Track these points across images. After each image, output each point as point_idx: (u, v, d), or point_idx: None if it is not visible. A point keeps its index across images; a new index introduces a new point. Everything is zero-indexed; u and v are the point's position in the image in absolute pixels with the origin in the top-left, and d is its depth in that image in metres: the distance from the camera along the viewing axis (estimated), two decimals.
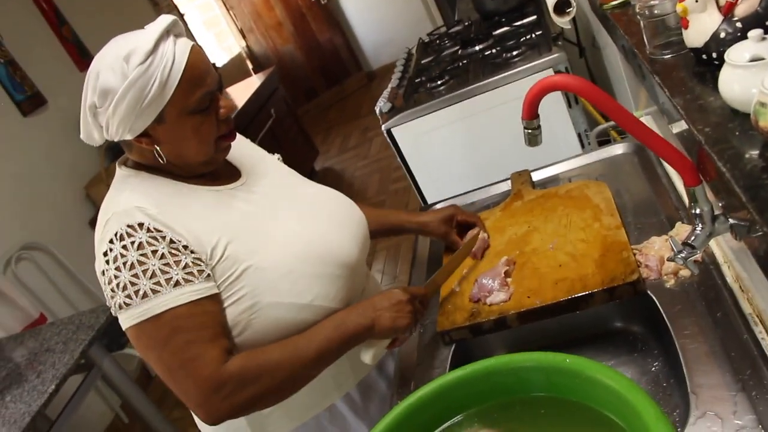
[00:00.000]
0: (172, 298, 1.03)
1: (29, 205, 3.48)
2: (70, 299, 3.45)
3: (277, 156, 1.41)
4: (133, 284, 1.03)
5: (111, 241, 1.04)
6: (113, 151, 3.89)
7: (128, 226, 1.04)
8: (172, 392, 1.10)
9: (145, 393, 2.70)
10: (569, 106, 2.21)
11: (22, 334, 2.61)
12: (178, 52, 1.04)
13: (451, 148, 2.36)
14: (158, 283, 1.03)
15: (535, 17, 2.56)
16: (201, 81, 1.06)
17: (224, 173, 1.22)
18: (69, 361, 2.20)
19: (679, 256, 0.97)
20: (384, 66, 6.97)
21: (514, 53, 2.26)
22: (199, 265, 1.07)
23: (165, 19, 1.05)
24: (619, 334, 1.28)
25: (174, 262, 1.04)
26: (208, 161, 1.15)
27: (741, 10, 0.89)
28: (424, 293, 1.23)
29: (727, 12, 0.91)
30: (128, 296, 1.03)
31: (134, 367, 3.59)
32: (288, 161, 1.43)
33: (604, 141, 2.20)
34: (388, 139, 2.37)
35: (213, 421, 1.07)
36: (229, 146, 1.18)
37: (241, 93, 4.65)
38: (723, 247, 1.12)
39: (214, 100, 1.10)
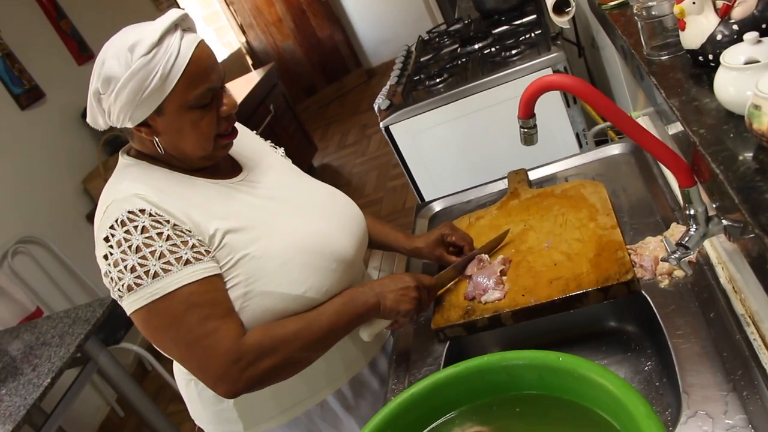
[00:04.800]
0: (184, 276, 1.05)
1: (26, 199, 3.48)
2: (66, 293, 3.45)
3: (281, 150, 1.41)
4: (142, 265, 1.04)
5: (112, 227, 1.06)
6: (111, 146, 3.89)
7: (129, 212, 1.06)
8: (167, 386, 1.11)
9: (141, 387, 2.71)
10: (567, 105, 2.22)
11: (18, 328, 2.61)
12: (183, 46, 1.04)
13: (449, 146, 2.37)
14: (168, 263, 1.04)
15: (534, 16, 2.56)
16: (204, 77, 1.07)
17: (225, 168, 1.23)
18: (65, 355, 2.20)
19: (672, 257, 0.97)
20: (384, 63, 6.97)
21: (513, 52, 2.26)
22: (205, 245, 1.09)
23: (174, 13, 1.06)
24: (613, 333, 1.29)
25: (181, 242, 1.06)
26: (206, 156, 1.15)
27: (738, 13, 0.90)
28: (434, 284, 1.26)
29: (724, 14, 0.91)
30: (138, 277, 1.04)
31: (130, 361, 3.59)
32: (285, 155, 1.43)
33: (601, 140, 2.20)
34: (386, 137, 2.37)
35: (232, 394, 1.08)
36: (230, 144, 1.18)
37: (240, 89, 4.65)
38: (717, 248, 1.13)
39: (216, 97, 1.11)
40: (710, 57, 0.93)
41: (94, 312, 2.40)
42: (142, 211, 1.06)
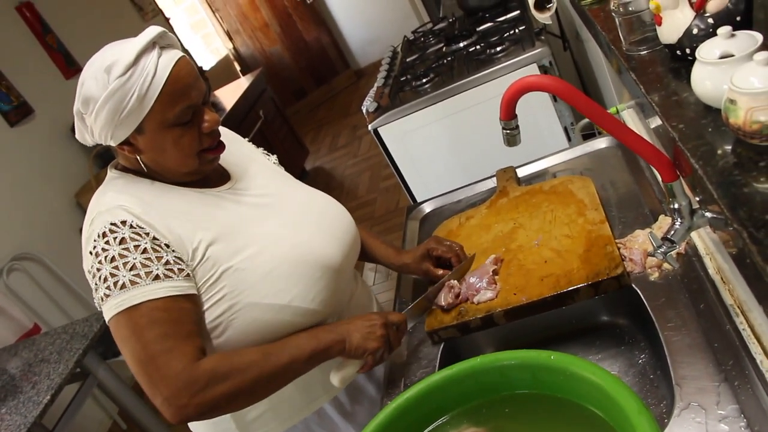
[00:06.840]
0: (149, 291, 1.04)
1: (19, 215, 3.47)
2: (63, 308, 3.45)
3: (274, 157, 1.41)
4: (113, 275, 1.04)
5: (95, 239, 1.06)
6: (102, 159, 3.89)
7: (111, 223, 1.06)
8: None
9: (142, 399, 2.70)
10: (554, 100, 2.22)
11: (16, 345, 2.61)
12: (160, 65, 1.04)
13: (438, 146, 2.37)
14: (138, 275, 1.04)
15: (518, 12, 2.57)
16: (183, 95, 1.07)
17: (213, 176, 1.23)
18: (64, 371, 2.19)
19: (658, 251, 0.98)
20: (372, 63, 6.98)
21: (498, 49, 2.27)
22: (180, 264, 1.08)
23: (152, 31, 1.05)
24: (606, 327, 1.29)
25: (156, 257, 1.06)
26: (192, 172, 1.15)
27: (712, 6, 0.90)
28: (402, 320, 1.23)
29: (699, 8, 0.92)
30: (108, 287, 1.04)
31: (130, 374, 3.58)
32: (279, 162, 1.43)
33: (589, 134, 2.21)
34: (375, 139, 2.37)
35: (178, 420, 1.04)
36: (216, 158, 1.18)
37: (229, 95, 4.65)
38: (705, 239, 1.13)
39: (197, 114, 1.11)
40: (687, 51, 0.93)
41: (92, 327, 2.40)
42: (124, 222, 1.06)
